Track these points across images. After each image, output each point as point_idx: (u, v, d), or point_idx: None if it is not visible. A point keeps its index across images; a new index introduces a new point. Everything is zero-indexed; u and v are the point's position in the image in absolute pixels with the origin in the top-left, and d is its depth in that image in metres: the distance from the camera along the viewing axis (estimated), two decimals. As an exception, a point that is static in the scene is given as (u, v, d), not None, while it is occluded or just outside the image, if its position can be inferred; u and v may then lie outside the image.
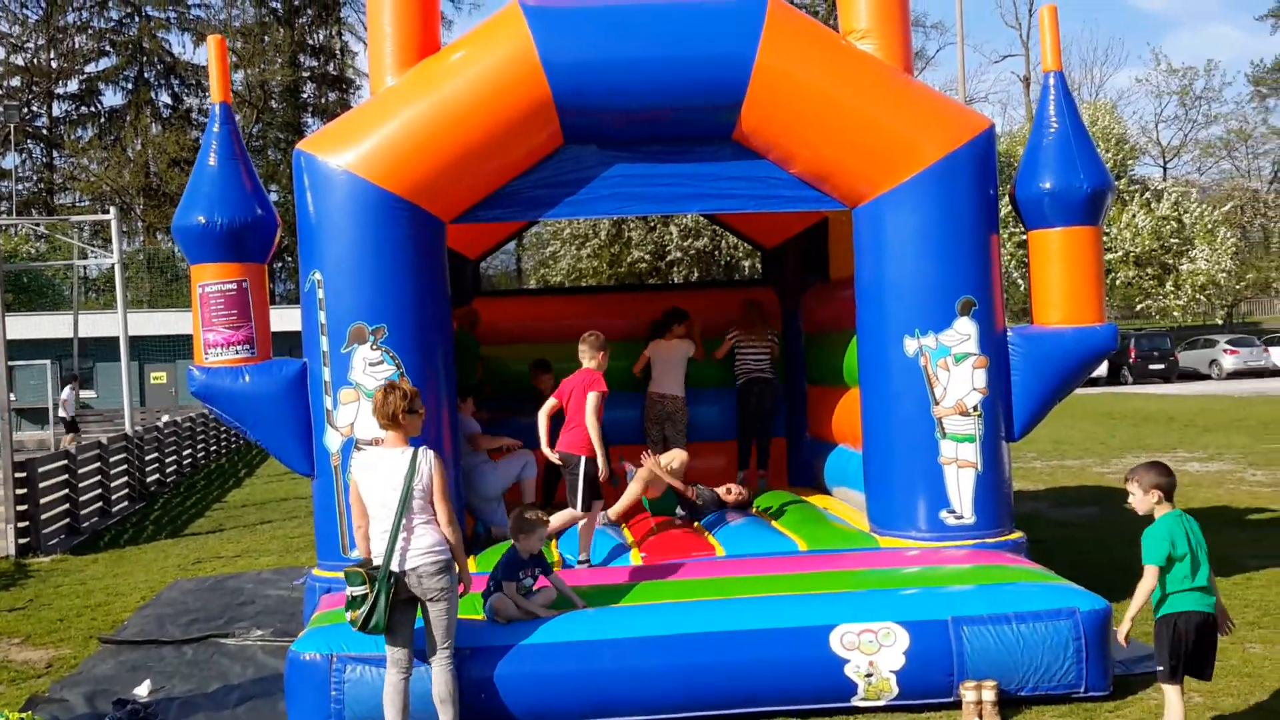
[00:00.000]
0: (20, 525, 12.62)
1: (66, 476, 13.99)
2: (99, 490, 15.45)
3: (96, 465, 15.40)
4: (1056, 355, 7.83)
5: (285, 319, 17.01)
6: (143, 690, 7.14)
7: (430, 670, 5.79)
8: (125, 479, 16.97)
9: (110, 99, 59.55)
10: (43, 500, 13.04)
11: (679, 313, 10.32)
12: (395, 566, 5.62)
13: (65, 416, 25.67)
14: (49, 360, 28.81)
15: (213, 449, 25.14)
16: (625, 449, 9.60)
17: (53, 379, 29.70)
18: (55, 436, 25.33)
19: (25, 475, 12.68)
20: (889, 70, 7.77)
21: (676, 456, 8.95)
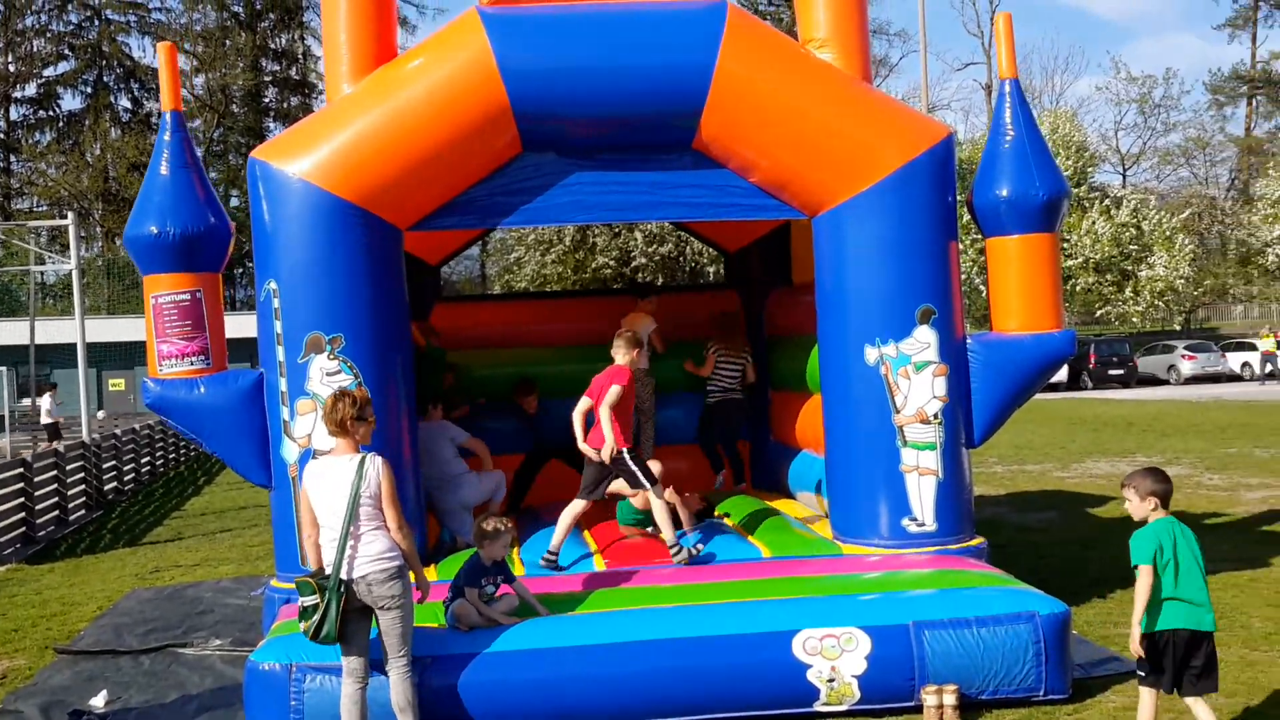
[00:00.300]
0: (-25, 535, 12.46)
1: (23, 485, 13.79)
2: (55, 499, 15.24)
3: (53, 474, 15.20)
4: (1015, 362, 7.89)
5: (245, 325, 16.89)
6: (99, 701, 7.06)
7: (389, 678, 5.74)
8: (83, 487, 16.76)
9: (69, 103, 59.02)
10: (-3, 509, 12.87)
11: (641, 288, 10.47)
12: (344, 575, 5.58)
13: (50, 422, 25.55)
14: (5, 367, 28.44)
15: (171, 457, 24.89)
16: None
17: (9, 386, 29.33)
18: (12, 444, 25.07)
19: (-21, 484, 12.52)
20: (848, 79, 7.81)
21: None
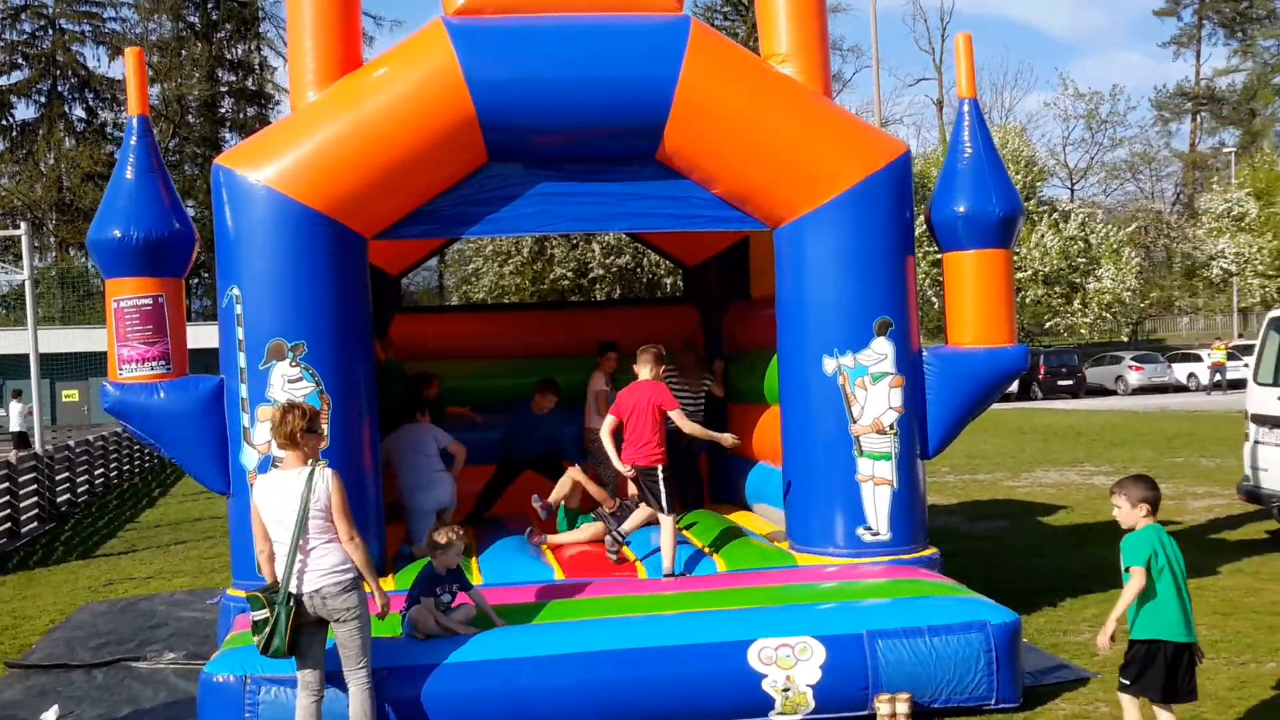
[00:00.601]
0: (-76, 547, 12.26)
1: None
2: (8, 511, 15.00)
3: (4, 485, 14.97)
4: (969, 375, 8.01)
5: (202, 335, 16.73)
6: (50, 716, 6.98)
7: (347, 691, 5.72)
8: (35, 499, 16.53)
9: (22, 112, 58.24)
10: (-53, 521, 12.69)
11: (603, 345, 10.29)
12: (294, 589, 5.53)
13: (19, 430, 25.26)
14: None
15: (126, 468, 24.58)
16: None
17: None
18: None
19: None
20: (810, 94, 7.91)
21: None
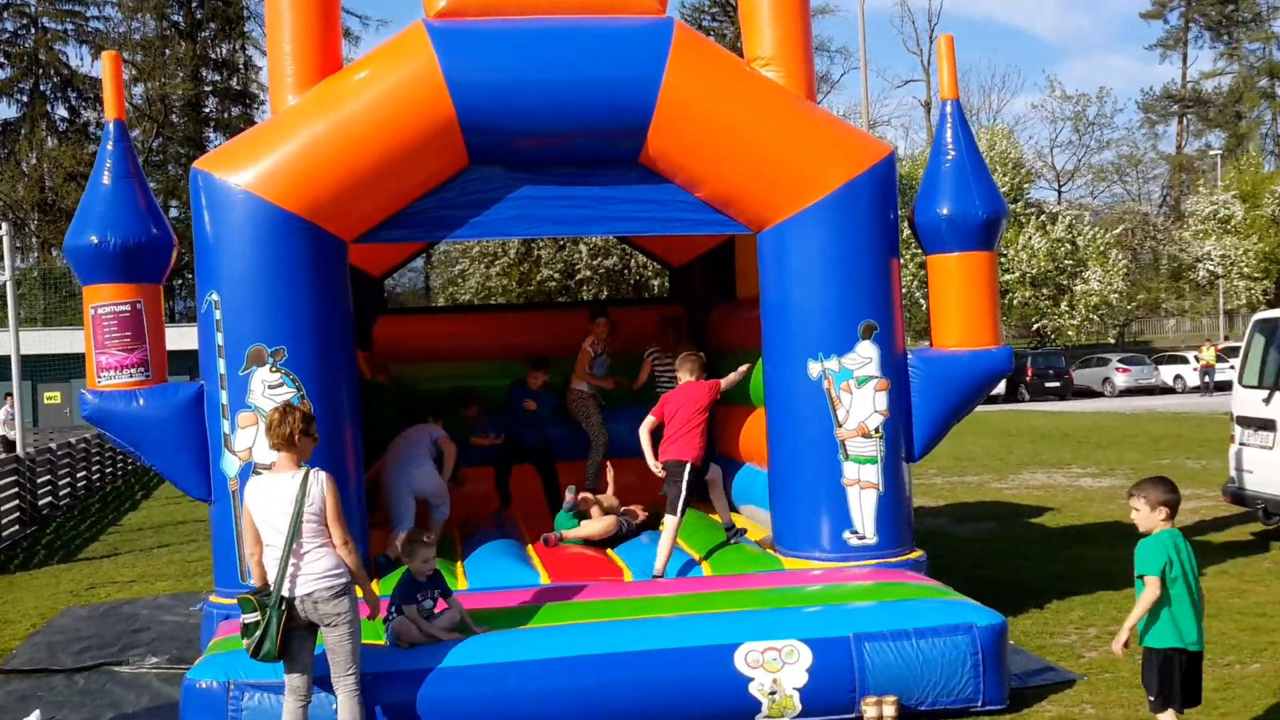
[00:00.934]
0: (-98, 552, 12.17)
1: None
2: (-12, 514, 14.94)
3: (-15, 489, 14.90)
4: (954, 377, 8.01)
5: (185, 338, 16.64)
6: (31, 722, 6.92)
7: (333, 696, 5.69)
8: (16, 502, 16.41)
9: (4, 111, 58.15)
10: (-73, 526, 12.60)
11: (595, 311, 10.49)
12: (286, 592, 5.52)
13: (6, 435, 25.11)
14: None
15: (109, 471, 24.45)
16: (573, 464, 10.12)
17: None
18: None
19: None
20: (793, 97, 7.89)
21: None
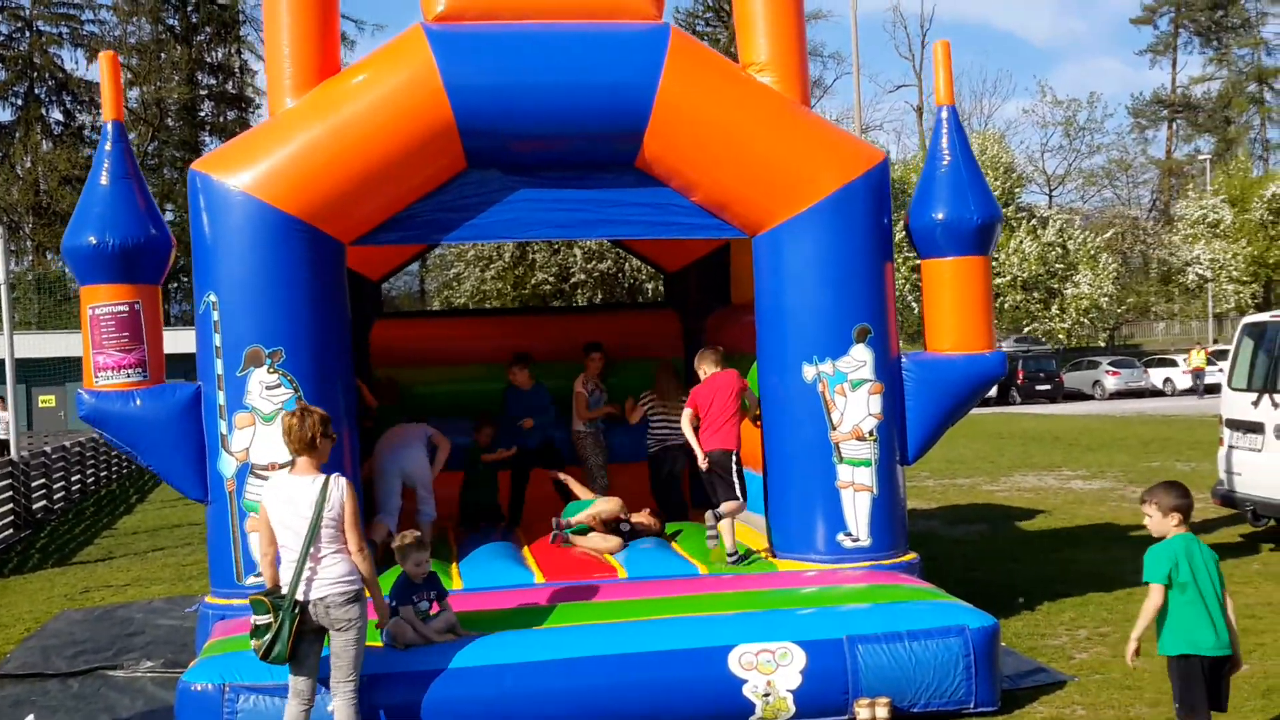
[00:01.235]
0: (-103, 555, 12.15)
1: (-54, 504, 13.48)
2: (-18, 518, 14.91)
3: (-21, 492, 14.87)
4: (948, 381, 8.05)
5: (180, 341, 16.67)
6: (26, 725, 6.93)
7: (328, 697, 5.70)
8: (10, 506, 16.39)
9: (-2, 114, 57.82)
10: (-79, 529, 12.57)
11: (589, 346, 10.34)
12: (301, 596, 5.54)
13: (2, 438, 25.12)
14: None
15: (103, 474, 24.41)
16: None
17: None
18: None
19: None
20: (788, 103, 7.94)
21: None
